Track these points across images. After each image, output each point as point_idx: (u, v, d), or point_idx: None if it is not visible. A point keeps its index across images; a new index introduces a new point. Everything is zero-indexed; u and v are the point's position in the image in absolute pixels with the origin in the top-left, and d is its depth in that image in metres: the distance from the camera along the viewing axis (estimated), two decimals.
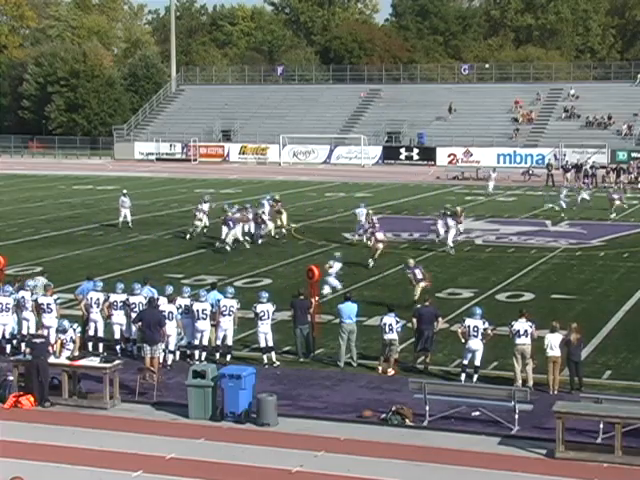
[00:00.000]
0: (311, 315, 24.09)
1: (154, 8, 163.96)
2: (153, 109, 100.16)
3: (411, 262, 30.46)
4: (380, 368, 22.56)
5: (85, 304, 24.52)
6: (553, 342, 20.99)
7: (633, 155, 76.14)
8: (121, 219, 45.26)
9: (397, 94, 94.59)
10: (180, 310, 23.41)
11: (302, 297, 24.03)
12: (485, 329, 21.78)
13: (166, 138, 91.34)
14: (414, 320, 22.92)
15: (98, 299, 24.28)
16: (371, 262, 35.72)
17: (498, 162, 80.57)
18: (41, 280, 26.07)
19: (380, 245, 36.38)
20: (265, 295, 23.67)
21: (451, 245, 38.65)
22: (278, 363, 23.16)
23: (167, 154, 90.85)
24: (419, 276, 29.58)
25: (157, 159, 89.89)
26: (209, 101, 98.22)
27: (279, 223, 42.24)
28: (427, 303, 23.52)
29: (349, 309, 23.55)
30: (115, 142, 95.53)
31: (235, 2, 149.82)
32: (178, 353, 23.46)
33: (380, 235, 36.80)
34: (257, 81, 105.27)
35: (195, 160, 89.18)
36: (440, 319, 23.41)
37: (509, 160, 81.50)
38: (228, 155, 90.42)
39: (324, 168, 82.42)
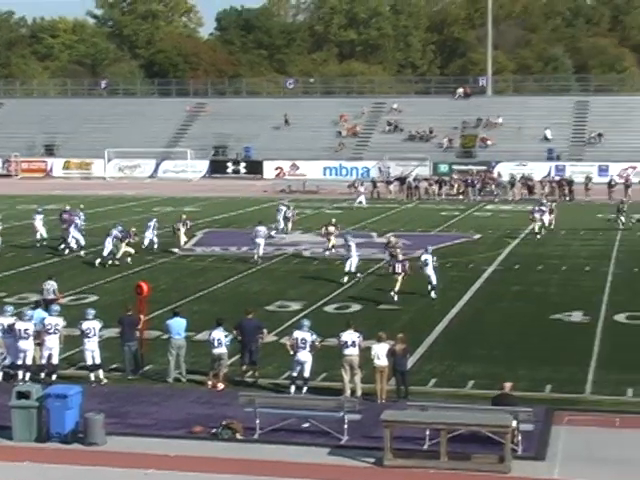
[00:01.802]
0: (139, 331, 23.84)
1: None
2: None
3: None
4: (210, 383, 22.48)
5: None
6: (380, 352, 21.35)
7: (454, 167, 78.22)
8: None
9: (223, 108, 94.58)
10: (2, 329, 22.79)
11: (130, 313, 23.76)
12: (313, 341, 21.99)
13: None
14: (235, 332, 23.01)
15: None
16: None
17: (324, 175, 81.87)
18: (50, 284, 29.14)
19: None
20: (91, 312, 23.31)
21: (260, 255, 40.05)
22: (106, 381, 22.80)
23: None
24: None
25: None
26: (30, 115, 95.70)
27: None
28: (250, 316, 23.57)
29: (178, 324, 23.40)
30: None
31: (56, 14, 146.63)
32: (1, 374, 22.78)
33: None
34: (80, 94, 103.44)
35: (17, 175, 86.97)
36: (265, 331, 23.47)
37: (335, 173, 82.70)
38: (51, 170, 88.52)
39: (150, 182, 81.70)
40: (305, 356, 21.82)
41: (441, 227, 51.06)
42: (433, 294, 32.45)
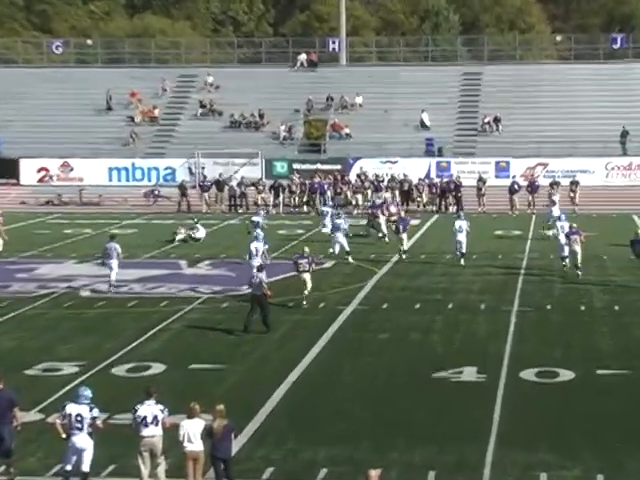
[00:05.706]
0: None
1: None
2: None
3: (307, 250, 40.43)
4: None
5: None
6: (192, 431, 21.27)
7: (295, 167, 77.95)
8: None
9: None
10: None
11: None
12: (94, 418, 21.75)
13: None
14: None
15: None
16: None
17: (110, 179, 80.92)
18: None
19: None
20: None
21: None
22: None
23: None
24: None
25: None
26: None
27: None
28: None
29: None
30: None
31: None
32: None
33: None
34: None
35: None
36: (16, 410, 22.96)
37: (126, 176, 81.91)
38: None
39: None
40: (83, 440, 21.58)
41: (279, 251, 51.22)
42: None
